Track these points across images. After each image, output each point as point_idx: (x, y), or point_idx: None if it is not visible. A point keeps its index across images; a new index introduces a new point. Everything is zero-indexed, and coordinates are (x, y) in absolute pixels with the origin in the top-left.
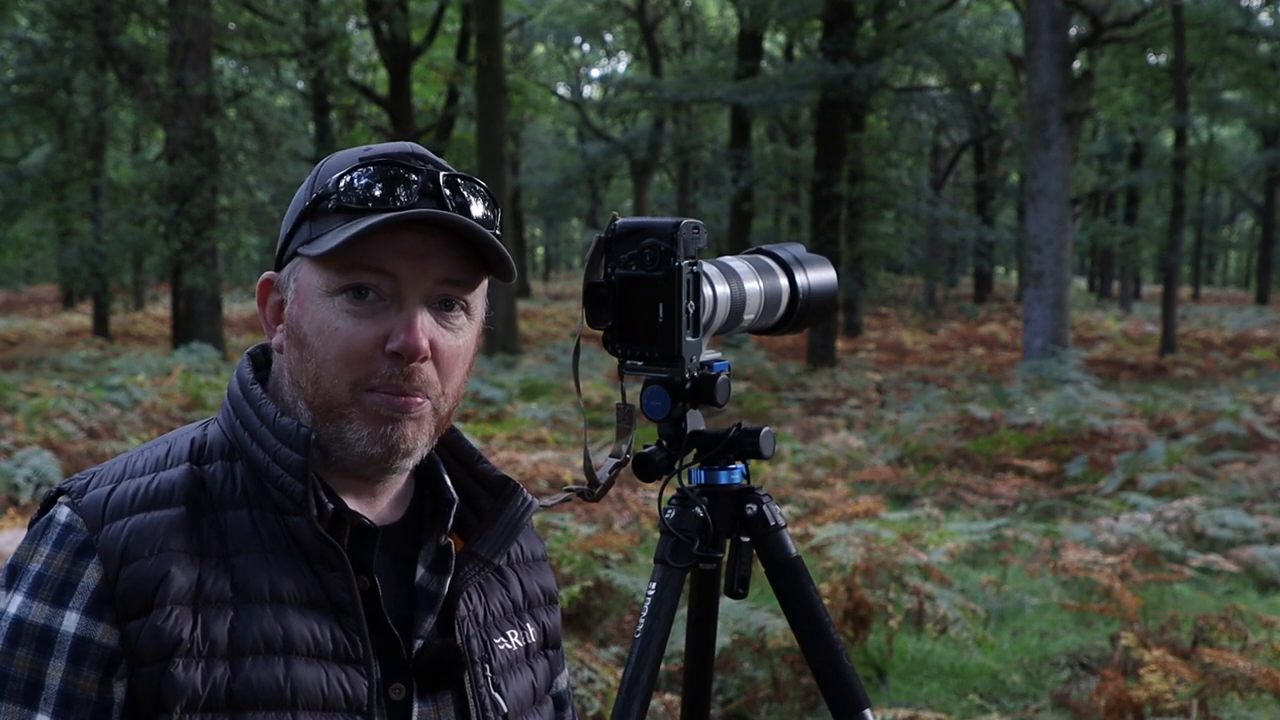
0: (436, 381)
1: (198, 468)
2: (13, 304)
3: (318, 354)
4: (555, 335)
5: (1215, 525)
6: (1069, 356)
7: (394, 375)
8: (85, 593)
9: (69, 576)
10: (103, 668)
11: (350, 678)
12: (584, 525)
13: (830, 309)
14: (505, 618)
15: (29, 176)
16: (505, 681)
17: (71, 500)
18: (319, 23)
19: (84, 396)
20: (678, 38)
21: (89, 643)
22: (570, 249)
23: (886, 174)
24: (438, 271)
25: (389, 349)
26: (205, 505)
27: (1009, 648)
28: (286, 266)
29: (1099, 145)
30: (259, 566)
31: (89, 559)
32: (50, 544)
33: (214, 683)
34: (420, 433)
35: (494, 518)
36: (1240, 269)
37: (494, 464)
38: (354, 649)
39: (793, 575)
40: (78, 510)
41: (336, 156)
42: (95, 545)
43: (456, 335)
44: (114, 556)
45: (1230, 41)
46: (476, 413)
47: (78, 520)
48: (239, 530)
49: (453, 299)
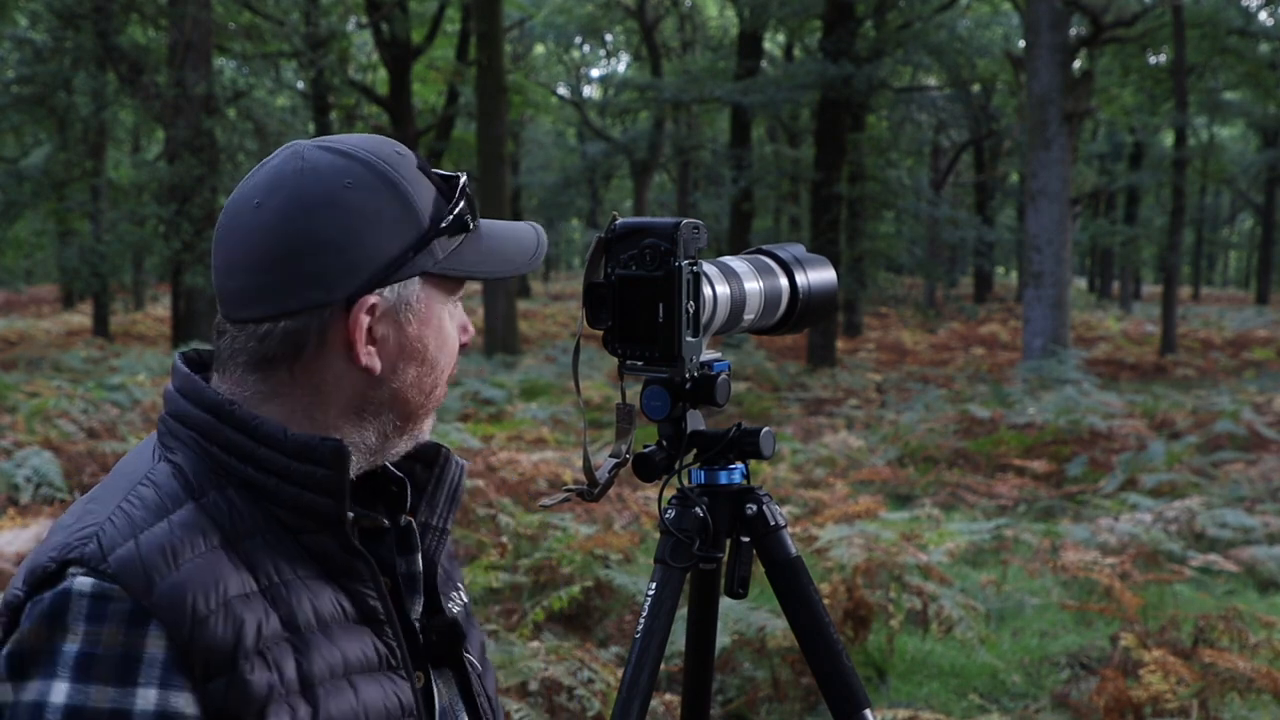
0: None
1: (197, 503)
2: (13, 304)
3: (439, 365)
4: (555, 335)
5: (1215, 525)
6: (1069, 356)
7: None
8: (154, 664)
9: (128, 650)
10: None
11: (398, 685)
12: (584, 525)
13: (830, 309)
14: (448, 581)
15: (29, 176)
16: (469, 642)
17: (93, 569)
18: (319, 23)
19: (84, 396)
20: (678, 38)
21: (171, 717)
22: (570, 249)
23: (886, 174)
24: None
25: (463, 341)
26: (225, 541)
27: (1009, 648)
28: (391, 289)
29: (1099, 145)
30: (296, 594)
31: (146, 626)
32: (82, 619)
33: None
34: None
35: (435, 486)
36: (1240, 269)
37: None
38: (394, 656)
39: (793, 575)
40: (106, 577)
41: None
42: (150, 610)
43: None
44: (181, 617)
45: (1230, 41)
46: (477, 413)
47: (112, 588)
48: (264, 560)
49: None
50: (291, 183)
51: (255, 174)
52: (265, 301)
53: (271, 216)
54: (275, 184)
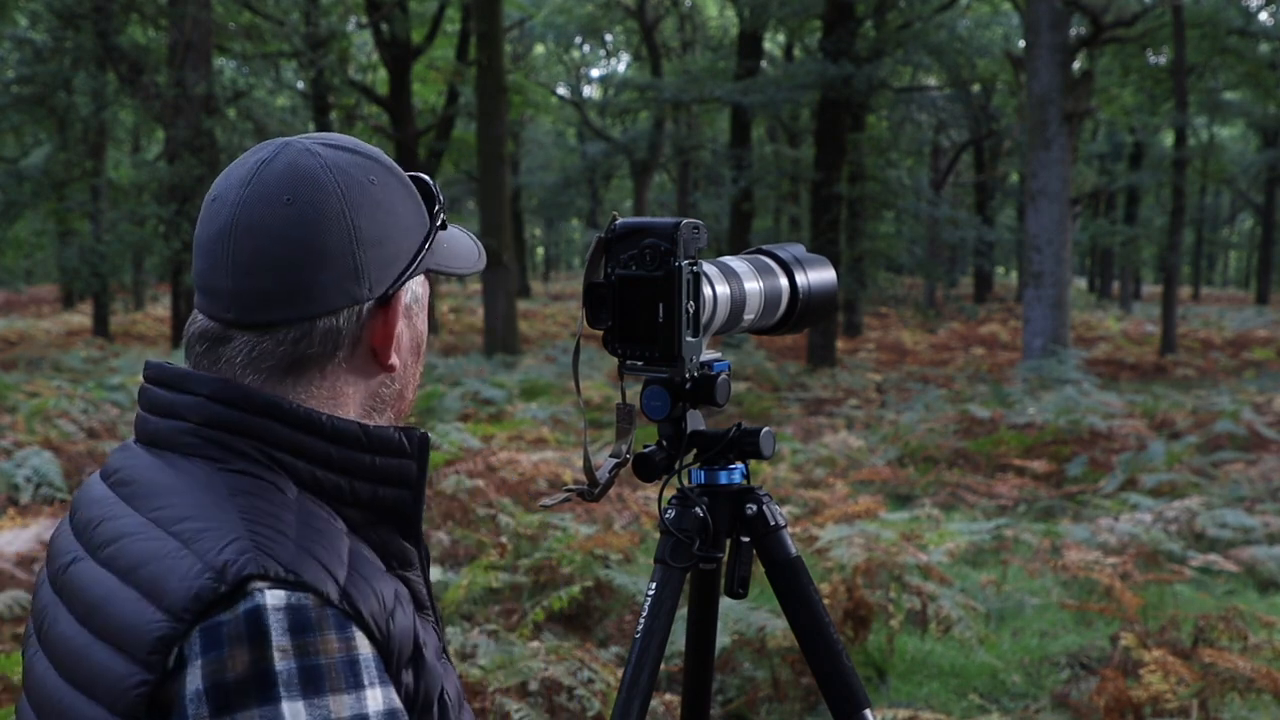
0: None
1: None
2: (13, 304)
3: (412, 365)
4: (555, 335)
5: (1215, 525)
6: (1069, 356)
7: None
8: (370, 663)
9: (347, 654)
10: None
11: (448, 671)
12: (584, 525)
13: (830, 309)
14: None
15: (29, 176)
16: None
17: (278, 580)
18: (319, 23)
19: (84, 396)
20: (678, 38)
21: (396, 713)
22: (570, 249)
23: (886, 174)
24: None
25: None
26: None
27: (1009, 648)
28: (406, 283)
29: (1099, 145)
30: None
31: (350, 628)
32: (288, 633)
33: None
34: None
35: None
36: (1240, 269)
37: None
38: (440, 638)
39: (793, 575)
40: (296, 586)
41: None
42: (348, 612)
43: None
44: (376, 615)
45: (1230, 41)
46: (477, 413)
47: (305, 597)
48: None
49: None
50: (321, 178)
51: (259, 170)
52: (302, 301)
53: (310, 212)
54: (300, 180)
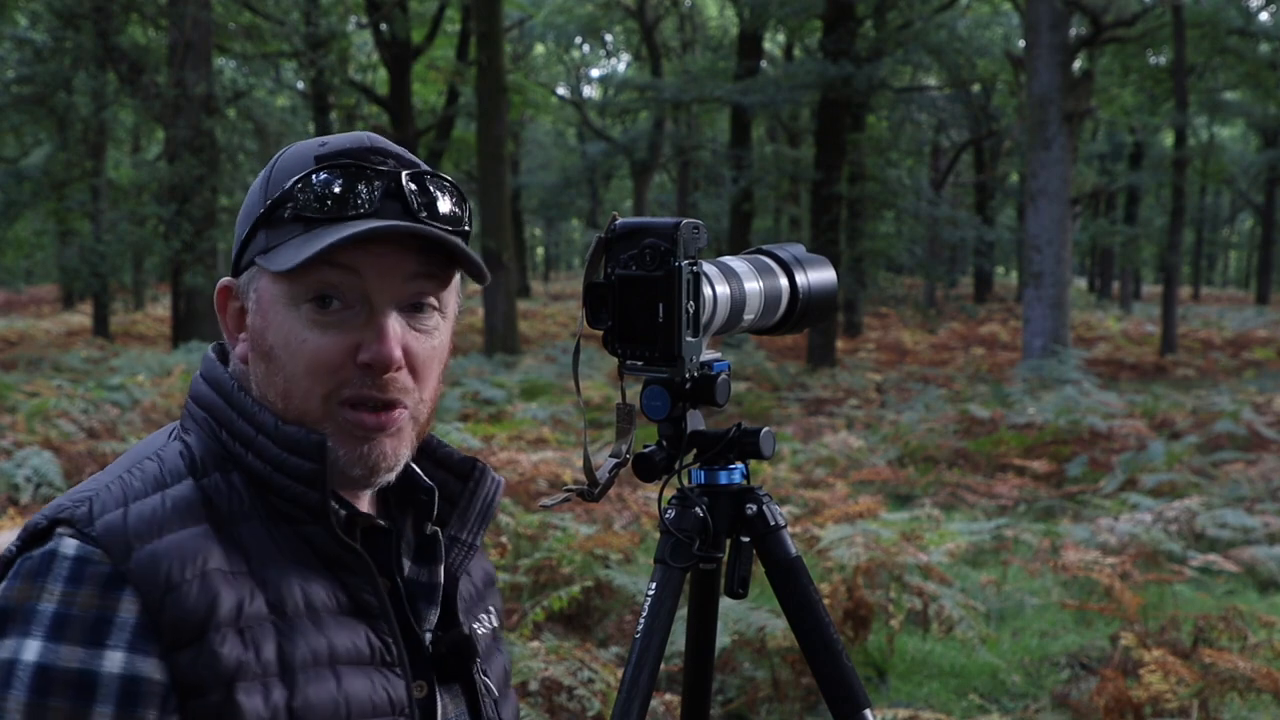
0: (413, 388)
1: (197, 482)
2: (13, 304)
3: (285, 368)
4: (555, 335)
5: (1215, 525)
6: (1069, 356)
7: (366, 386)
8: (125, 628)
9: (101, 613)
10: (156, 706)
11: (390, 681)
12: (584, 525)
13: (830, 309)
14: (478, 601)
15: (29, 176)
16: (489, 666)
17: (78, 530)
18: (319, 23)
19: (84, 396)
20: (678, 38)
21: (138, 681)
22: (570, 249)
23: (886, 174)
24: (405, 272)
25: (361, 360)
26: (218, 521)
27: (1009, 648)
28: (245, 274)
29: (1099, 145)
30: (287, 579)
31: (120, 591)
32: (62, 581)
33: (275, 704)
34: (400, 445)
35: (469, 501)
36: (1240, 269)
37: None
38: (388, 652)
39: (793, 575)
40: (91, 540)
41: (292, 151)
42: (126, 575)
43: (430, 337)
44: (155, 584)
45: (1230, 41)
46: (477, 413)
47: (94, 551)
48: (258, 543)
49: (422, 301)
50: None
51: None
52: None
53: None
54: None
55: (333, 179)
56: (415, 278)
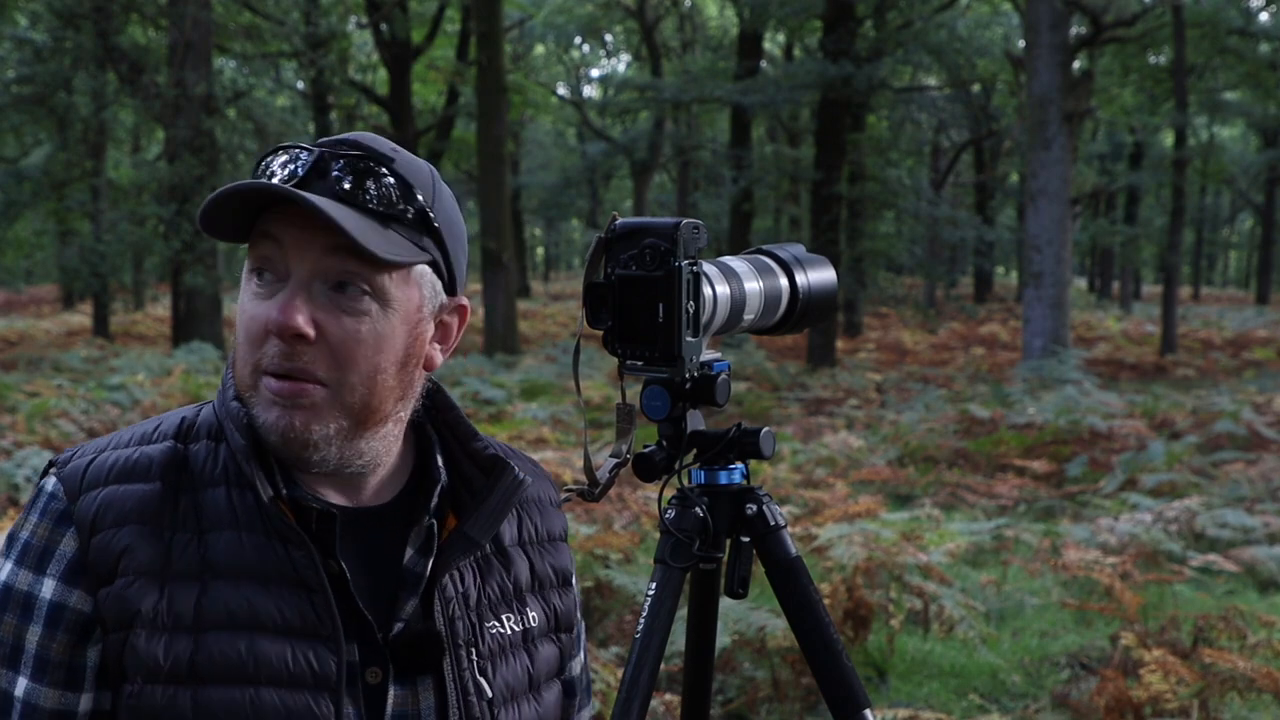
0: (330, 366)
1: (181, 445)
2: (13, 304)
3: (237, 336)
4: (555, 335)
5: (1215, 525)
6: (1069, 356)
7: (279, 356)
8: (62, 560)
9: (49, 544)
10: (75, 633)
11: (318, 654)
12: (584, 525)
13: (830, 309)
14: (503, 601)
15: (29, 176)
16: (493, 666)
17: (57, 470)
18: (319, 23)
19: (84, 396)
20: (678, 38)
21: (63, 608)
22: (570, 249)
23: (886, 174)
24: (323, 246)
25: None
26: (185, 483)
27: (1009, 648)
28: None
29: (1099, 145)
30: (232, 543)
31: (67, 527)
32: (37, 513)
33: (176, 655)
34: (316, 422)
35: (484, 497)
36: (1240, 269)
37: (489, 442)
38: (322, 626)
39: (793, 575)
40: (61, 480)
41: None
42: (72, 514)
43: (358, 320)
44: (86, 526)
45: (1230, 41)
46: (477, 413)
47: (60, 489)
48: (215, 508)
49: (347, 281)
50: None
51: None
52: None
53: None
54: None
55: (273, 153)
56: (335, 252)
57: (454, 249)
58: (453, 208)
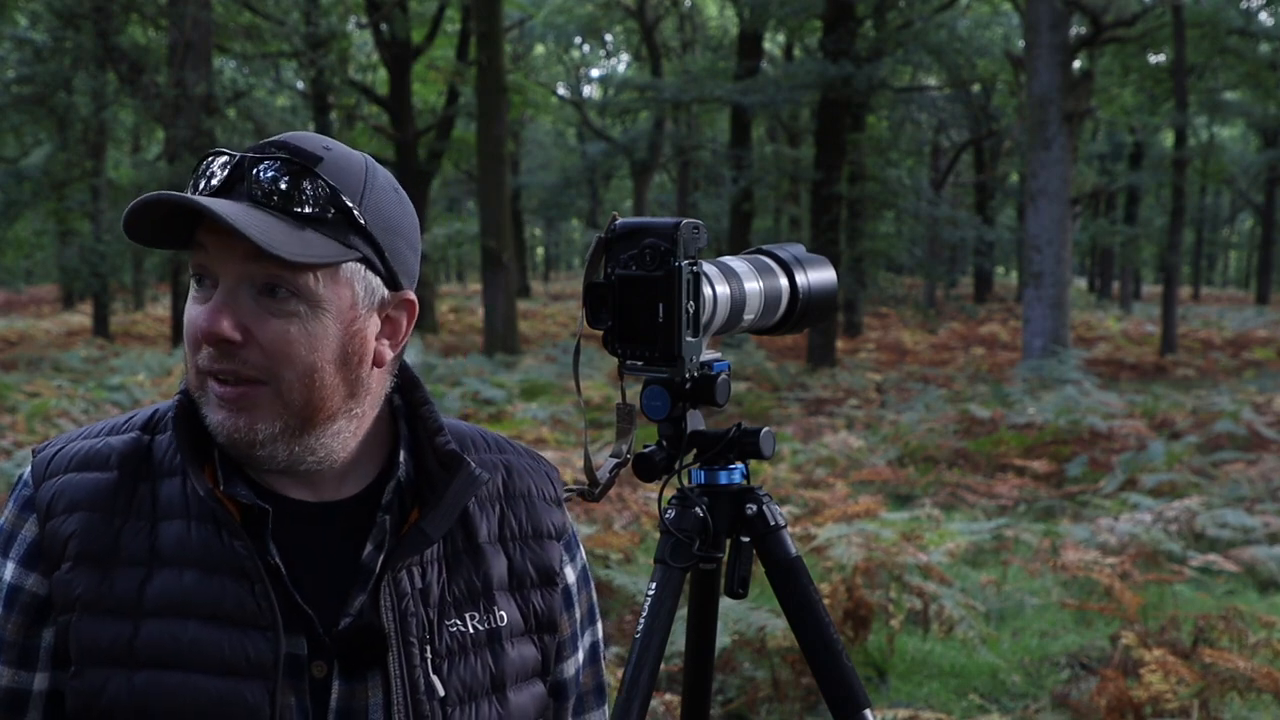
0: (266, 367)
1: (146, 436)
2: (13, 304)
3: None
4: (555, 335)
5: (1215, 525)
6: (1069, 356)
7: (214, 359)
8: (23, 544)
9: (13, 529)
10: (29, 614)
11: (253, 642)
12: (584, 525)
13: (830, 309)
14: (469, 599)
15: (29, 176)
16: (450, 664)
17: (33, 460)
18: (319, 23)
19: (84, 396)
20: (678, 38)
21: (19, 590)
22: (570, 249)
23: (886, 174)
24: (243, 252)
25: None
26: (145, 472)
27: (1009, 648)
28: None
29: (1099, 145)
30: (180, 532)
31: (30, 513)
32: (12, 500)
33: (114, 638)
34: (260, 421)
35: (441, 493)
36: (1240, 269)
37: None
38: (262, 615)
39: (793, 575)
40: (32, 469)
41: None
42: (34, 501)
43: (286, 321)
44: (43, 511)
45: (1230, 41)
46: (476, 413)
47: (29, 477)
48: (169, 497)
49: (277, 284)
50: None
51: None
52: None
53: None
54: None
55: (209, 158)
56: (255, 258)
57: (391, 244)
58: (391, 202)
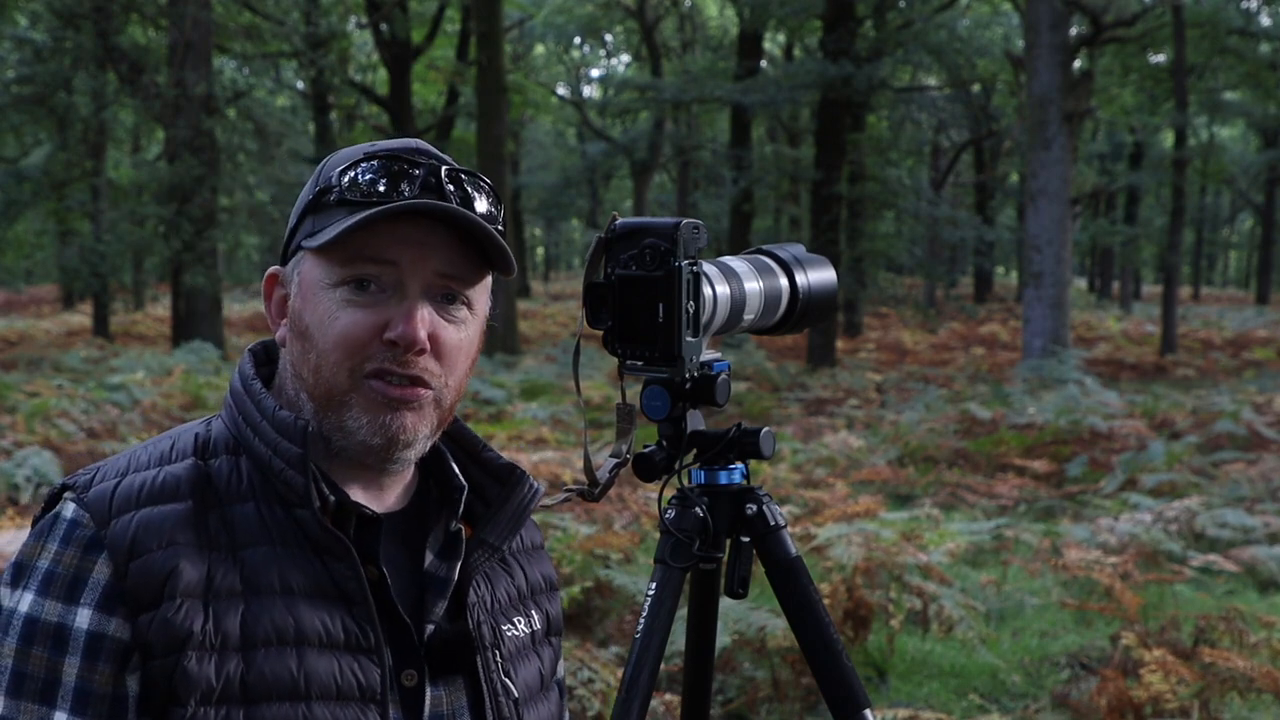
0: (439, 372)
1: (203, 463)
2: (13, 304)
3: (318, 344)
4: (555, 335)
5: (1215, 525)
6: (1069, 356)
7: (389, 361)
8: (96, 588)
9: (79, 573)
10: (116, 662)
11: (363, 666)
12: (584, 525)
13: (830, 309)
14: (512, 605)
15: (29, 176)
16: (515, 668)
17: (77, 496)
18: (319, 23)
19: (84, 396)
20: (678, 38)
21: (102, 638)
22: (570, 249)
23: (886, 174)
24: (438, 263)
25: (387, 337)
26: (212, 500)
27: (1009, 648)
28: (291, 261)
29: (1099, 145)
30: (268, 559)
31: (98, 554)
32: (58, 540)
33: (228, 675)
34: (421, 423)
35: (502, 505)
36: (1240, 269)
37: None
38: (365, 638)
39: (793, 575)
40: (84, 506)
41: (341, 152)
42: (103, 540)
43: (459, 329)
44: (122, 551)
45: (1230, 41)
46: (476, 413)
47: (84, 516)
48: (246, 524)
49: (455, 292)
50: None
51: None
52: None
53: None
54: None
55: (378, 170)
56: (448, 268)
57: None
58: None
